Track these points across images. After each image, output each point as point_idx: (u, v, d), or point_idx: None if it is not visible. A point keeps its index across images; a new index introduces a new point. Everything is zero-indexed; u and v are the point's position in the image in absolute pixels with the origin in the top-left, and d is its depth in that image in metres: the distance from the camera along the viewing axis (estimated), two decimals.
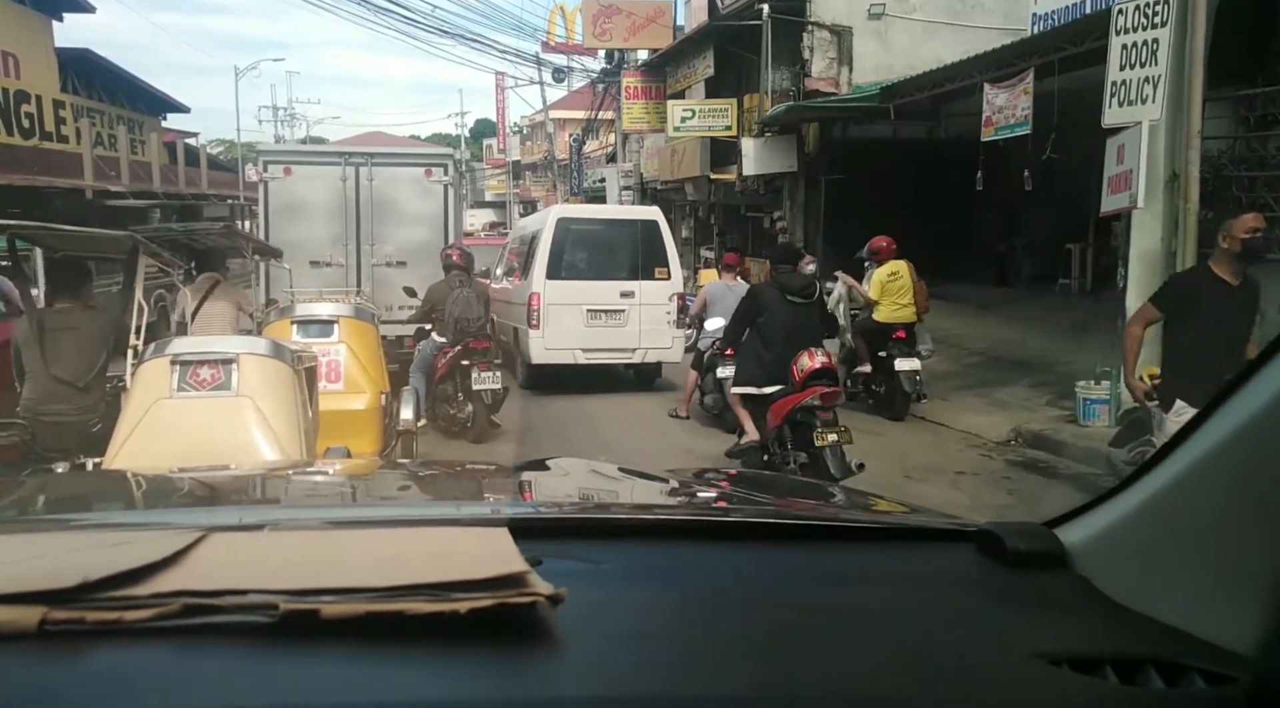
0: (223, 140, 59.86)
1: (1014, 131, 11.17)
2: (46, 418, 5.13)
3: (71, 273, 5.61)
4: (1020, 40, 11.28)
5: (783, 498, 2.04)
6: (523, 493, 1.98)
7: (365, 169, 10.87)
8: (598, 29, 22.12)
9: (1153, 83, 7.54)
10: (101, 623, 0.85)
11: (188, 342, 4.60)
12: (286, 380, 4.38)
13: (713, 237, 22.49)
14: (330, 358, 6.11)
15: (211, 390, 4.17)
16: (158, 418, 4.07)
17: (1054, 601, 1.13)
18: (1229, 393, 0.99)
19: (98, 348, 5.33)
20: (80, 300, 5.47)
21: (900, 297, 9.31)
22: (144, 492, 1.98)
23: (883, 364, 9.24)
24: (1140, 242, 8.27)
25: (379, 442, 6.20)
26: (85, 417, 5.20)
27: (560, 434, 9.07)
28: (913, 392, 9.09)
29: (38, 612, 0.84)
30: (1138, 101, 7.65)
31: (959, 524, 1.43)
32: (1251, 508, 0.95)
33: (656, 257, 11.19)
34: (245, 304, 7.59)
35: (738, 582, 1.19)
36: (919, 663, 0.96)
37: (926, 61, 14.44)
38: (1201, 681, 0.91)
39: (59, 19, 20.77)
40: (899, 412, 9.25)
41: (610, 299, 11.01)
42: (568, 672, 0.89)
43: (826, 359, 6.37)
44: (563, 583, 0.93)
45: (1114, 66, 7.84)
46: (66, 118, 19.54)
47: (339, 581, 0.93)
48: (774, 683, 0.91)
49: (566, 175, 35.25)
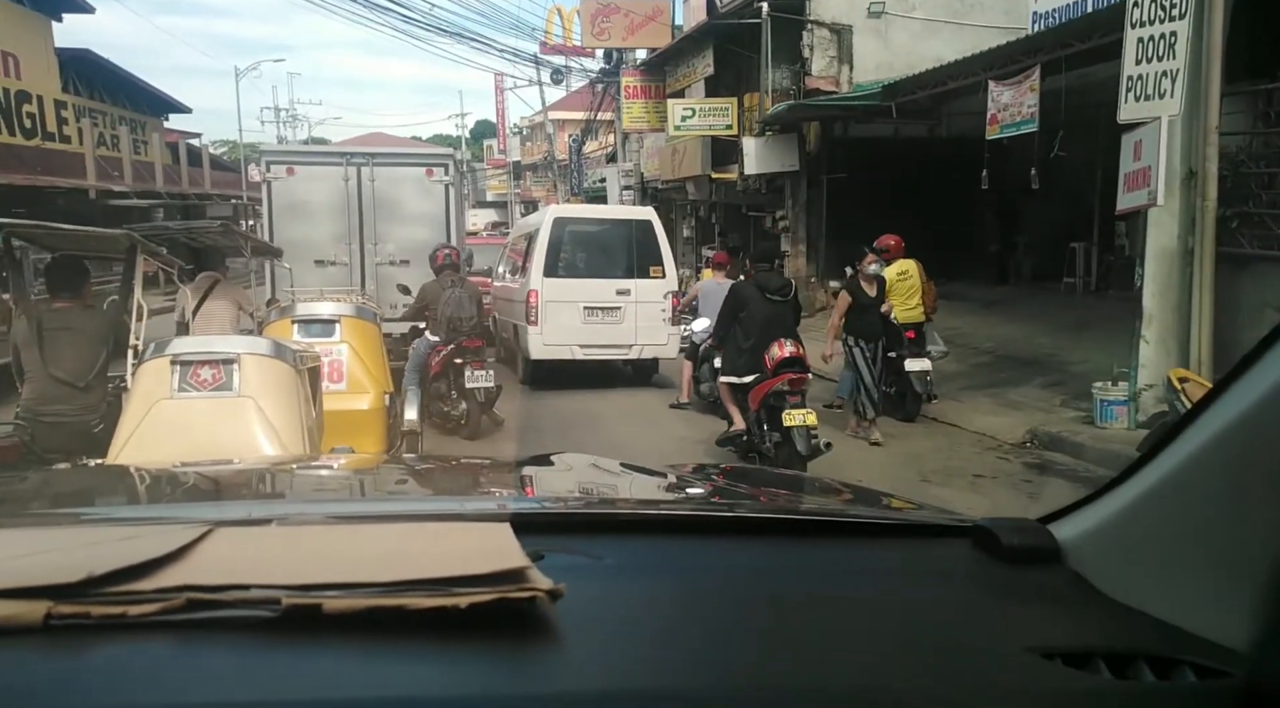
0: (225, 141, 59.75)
1: (1020, 129, 11.05)
2: (46, 418, 5.06)
3: (70, 272, 5.52)
4: (1026, 37, 11.16)
5: (782, 493, 2.06)
6: (525, 488, 2.01)
7: (367, 169, 10.98)
8: (596, 28, 21.95)
9: (1171, 77, 7.40)
10: (106, 617, 0.86)
11: (188, 342, 4.54)
12: (289, 381, 4.33)
13: (714, 236, 22.37)
14: (332, 358, 6.05)
15: (213, 391, 4.13)
16: (159, 419, 4.04)
17: (1048, 595, 1.15)
18: (1221, 389, 0.99)
19: (97, 347, 5.25)
20: (79, 300, 5.39)
21: (909, 297, 9.16)
22: (149, 487, 1.98)
23: (892, 365, 9.09)
24: (1157, 240, 8.14)
25: (383, 442, 6.12)
26: (86, 417, 5.13)
27: (560, 429, 9.16)
28: (924, 392, 8.94)
29: (43, 606, 0.85)
30: (1155, 96, 7.51)
31: (955, 520, 1.44)
32: (1244, 504, 0.96)
33: (651, 255, 11.42)
34: (245, 304, 7.52)
35: (737, 576, 1.20)
36: (915, 657, 0.97)
37: (927, 60, 14.38)
38: (1193, 675, 0.92)
39: (58, 19, 20.76)
40: (910, 413, 9.12)
41: (606, 297, 11.23)
42: (568, 666, 0.90)
43: (795, 349, 6.90)
44: (564, 578, 0.93)
45: (1129, 60, 7.69)
46: (68, 118, 19.55)
47: (342, 576, 0.93)
48: (772, 676, 0.92)
49: (567, 176, 35.15)
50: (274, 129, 57.64)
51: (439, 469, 2.45)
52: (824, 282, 16.89)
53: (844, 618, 1.08)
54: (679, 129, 18.49)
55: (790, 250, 16.94)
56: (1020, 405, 9.20)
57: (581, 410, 9.97)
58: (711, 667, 0.93)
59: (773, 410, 6.79)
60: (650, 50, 22.46)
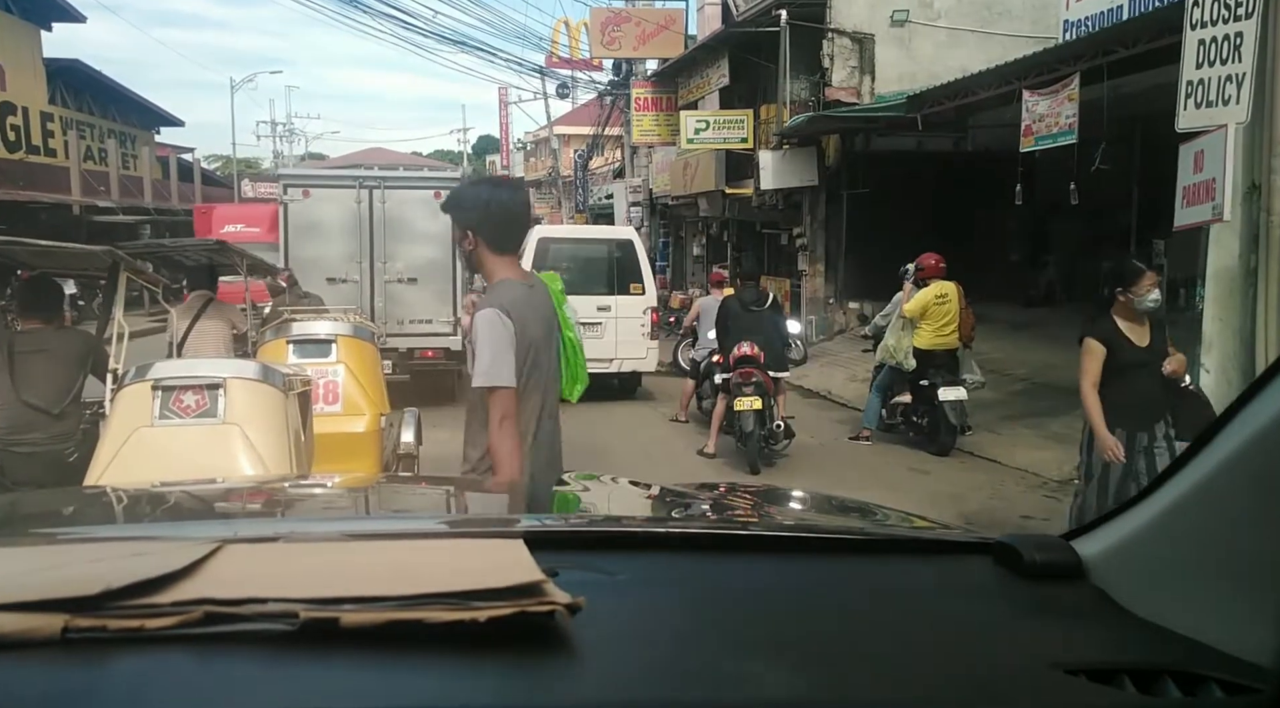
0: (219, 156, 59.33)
1: (1057, 141, 10.38)
2: (18, 449, 4.74)
3: (43, 292, 5.27)
4: (1065, 43, 10.52)
5: (797, 510, 2.06)
6: (536, 506, 2.04)
7: (378, 192, 11.62)
8: (606, 37, 21.31)
9: (1236, 81, 6.73)
10: (123, 630, 0.86)
11: (171, 365, 4.38)
12: (277, 406, 4.15)
13: (727, 254, 21.71)
14: (328, 379, 5.91)
15: (196, 418, 3.93)
16: (137, 448, 3.83)
17: (1071, 612, 1.14)
18: (1242, 404, 0.99)
19: (73, 371, 4.96)
20: (52, 322, 5.15)
21: (945, 325, 8.49)
22: (156, 506, 1.97)
23: (924, 394, 8.41)
24: (1218, 259, 7.48)
25: (377, 465, 5.93)
26: (59, 446, 4.84)
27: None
28: (959, 424, 8.26)
29: (61, 619, 0.85)
30: (1218, 102, 6.84)
31: (976, 537, 1.42)
32: (1268, 519, 0.95)
33: (632, 273, 12.06)
34: (239, 323, 7.33)
35: (754, 593, 1.19)
36: (936, 673, 0.97)
37: (951, 70, 13.79)
38: (1219, 691, 0.91)
39: (48, 29, 20.33)
40: (944, 446, 8.43)
41: (588, 312, 11.48)
42: (585, 680, 0.89)
43: (752, 349, 8.30)
44: (578, 593, 0.93)
45: (1189, 64, 7.04)
46: (55, 130, 19.22)
47: (358, 589, 0.93)
48: (790, 690, 0.91)
49: (571, 192, 34.60)
50: (270, 144, 57.22)
51: (449, 488, 2.46)
52: (843, 303, 16.23)
53: (863, 634, 1.08)
54: (692, 142, 17.81)
55: (808, 270, 16.25)
56: (1064, 438, 8.46)
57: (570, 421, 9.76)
58: (729, 681, 0.92)
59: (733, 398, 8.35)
60: (662, 60, 21.77)
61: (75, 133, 19.80)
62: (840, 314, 16.21)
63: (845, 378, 13.11)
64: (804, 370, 14.28)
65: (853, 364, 13.66)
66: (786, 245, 17.85)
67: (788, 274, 17.92)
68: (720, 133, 17.31)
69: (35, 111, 18.65)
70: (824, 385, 13.00)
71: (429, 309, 11.68)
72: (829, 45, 15.44)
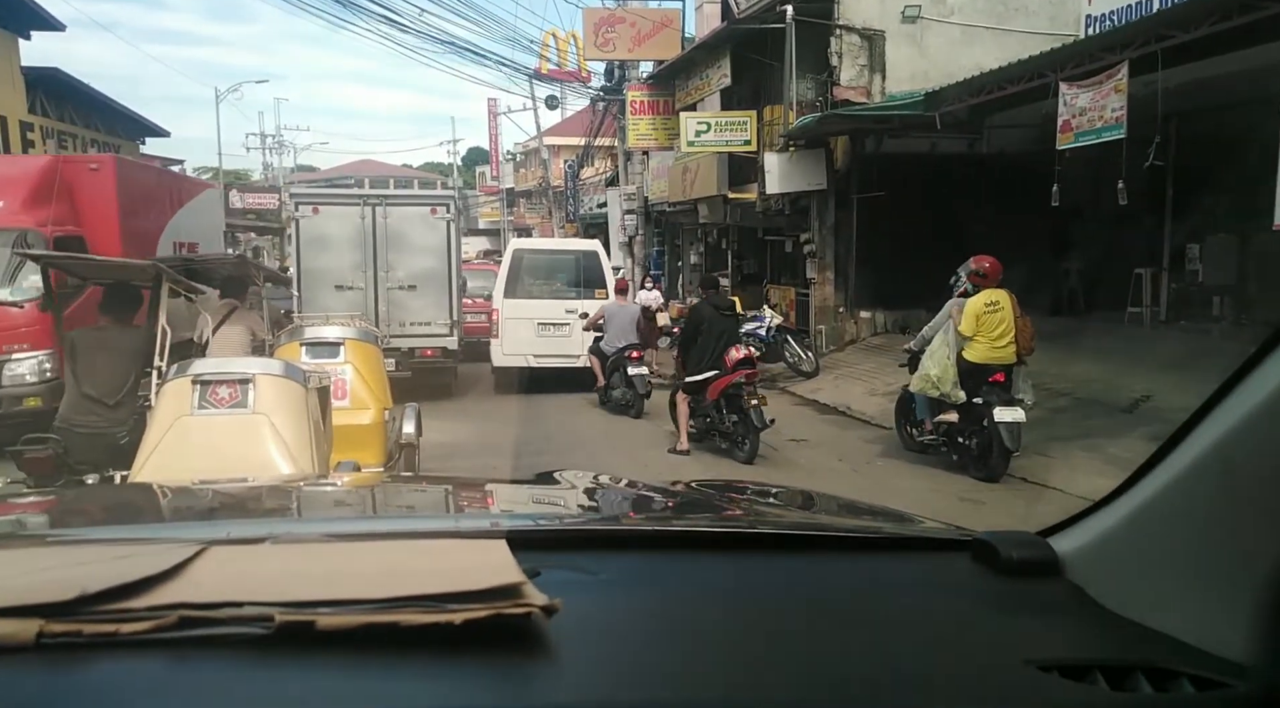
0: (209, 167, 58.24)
1: (1101, 137, 9.63)
2: (80, 431, 5.53)
3: (124, 295, 6.12)
4: (1113, 29, 9.71)
5: (780, 508, 2.05)
6: (520, 505, 2.02)
7: (381, 208, 12.94)
8: (600, 38, 20.43)
9: None
10: (98, 635, 0.85)
11: (208, 363, 4.88)
12: (299, 398, 4.62)
13: (728, 261, 20.85)
14: (337, 377, 6.38)
15: (230, 408, 4.42)
16: (180, 434, 4.33)
17: (1047, 608, 1.14)
18: (1216, 400, 0.99)
19: (130, 367, 5.72)
20: (123, 321, 5.99)
21: (1001, 336, 7.65)
22: (147, 506, 1.98)
23: (974, 412, 7.56)
24: None
25: (383, 454, 6.44)
26: (115, 430, 5.54)
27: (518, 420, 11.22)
28: (1014, 447, 7.40)
29: (35, 625, 0.84)
30: None
31: (954, 534, 1.42)
32: (1242, 515, 0.95)
33: (596, 280, 13.73)
34: (258, 328, 8.07)
35: (734, 591, 1.19)
36: (914, 669, 0.97)
37: (965, 69, 13.04)
38: (1191, 686, 0.91)
39: (26, 37, 19.46)
40: (994, 471, 7.57)
41: (557, 315, 13.57)
42: (563, 681, 0.88)
43: (748, 352, 9.16)
44: (559, 593, 0.92)
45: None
46: (35, 140, 18.61)
47: (336, 592, 0.93)
48: (770, 690, 0.90)
49: (562, 202, 33.76)
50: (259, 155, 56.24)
51: (436, 487, 2.52)
52: (854, 312, 15.40)
53: (841, 631, 1.08)
54: (693, 145, 16.93)
55: (817, 277, 15.38)
56: (1125, 462, 7.62)
57: (531, 407, 12.39)
58: (707, 680, 0.92)
59: (731, 398, 8.82)
60: (658, 63, 20.93)
61: (56, 143, 19.38)
62: (852, 323, 15.37)
63: (864, 391, 12.25)
64: (818, 384, 13.43)
65: (870, 377, 12.80)
66: (791, 252, 17.01)
67: (792, 282, 17.10)
68: (722, 135, 16.46)
69: (14, 121, 18.01)
70: (841, 400, 12.13)
71: (427, 313, 12.89)
72: (836, 42, 14.65)
